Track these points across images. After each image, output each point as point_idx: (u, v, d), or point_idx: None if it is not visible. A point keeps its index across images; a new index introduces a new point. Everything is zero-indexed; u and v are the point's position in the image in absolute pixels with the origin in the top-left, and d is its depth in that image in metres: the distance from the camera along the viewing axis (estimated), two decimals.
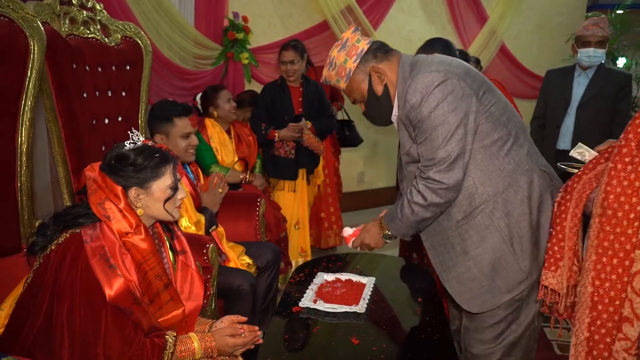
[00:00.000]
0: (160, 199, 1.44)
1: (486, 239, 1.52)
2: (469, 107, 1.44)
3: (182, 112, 2.23)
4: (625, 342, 1.15)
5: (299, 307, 1.98)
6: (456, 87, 1.44)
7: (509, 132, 1.50)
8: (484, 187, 1.50)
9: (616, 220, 1.16)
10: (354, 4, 4.42)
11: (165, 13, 3.23)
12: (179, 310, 1.47)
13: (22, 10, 1.72)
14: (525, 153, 1.52)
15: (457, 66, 1.50)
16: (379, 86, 1.60)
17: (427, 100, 1.44)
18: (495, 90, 1.55)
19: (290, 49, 3.27)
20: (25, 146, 1.77)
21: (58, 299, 1.28)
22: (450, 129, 1.43)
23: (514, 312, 1.56)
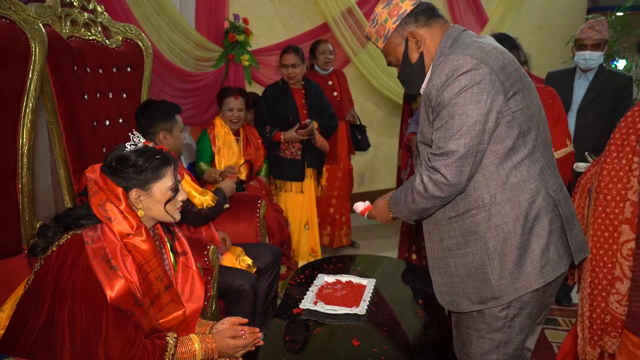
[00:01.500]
0: (161, 200, 1.44)
1: (469, 244, 1.45)
2: (494, 104, 1.33)
3: (178, 109, 2.36)
4: (617, 295, 1.51)
5: (299, 309, 1.98)
6: (485, 79, 1.32)
7: (525, 143, 1.40)
8: (481, 192, 1.42)
9: (606, 202, 1.51)
10: (355, 6, 4.42)
11: (166, 15, 3.23)
12: (179, 311, 1.47)
13: (24, 12, 1.73)
14: (537, 171, 1.41)
15: (497, 57, 1.37)
16: (414, 53, 1.50)
17: (451, 85, 1.33)
18: (531, 95, 1.44)
19: (292, 52, 3.31)
20: (26, 147, 1.77)
21: (59, 300, 1.28)
22: (468, 122, 1.32)
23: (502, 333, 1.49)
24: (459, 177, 1.36)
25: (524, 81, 1.42)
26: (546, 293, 1.50)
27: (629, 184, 1.48)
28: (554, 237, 1.42)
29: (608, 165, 1.51)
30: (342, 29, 4.41)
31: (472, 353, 1.54)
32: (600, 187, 1.53)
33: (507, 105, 1.36)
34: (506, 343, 1.50)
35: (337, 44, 4.49)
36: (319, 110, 3.42)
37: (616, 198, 1.49)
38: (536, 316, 1.52)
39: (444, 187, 1.38)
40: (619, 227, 1.50)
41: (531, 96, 1.43)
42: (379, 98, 4.98)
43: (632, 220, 1.48)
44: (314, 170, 3.47)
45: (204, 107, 3.70)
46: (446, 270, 1.53)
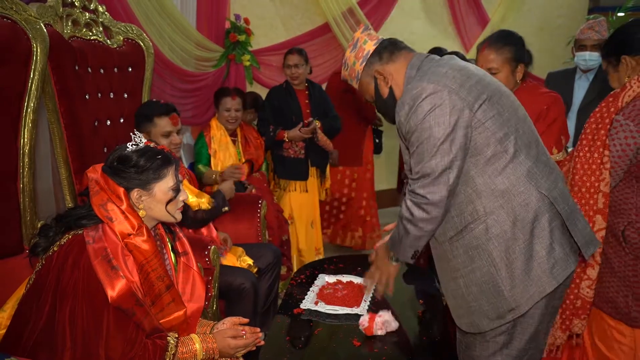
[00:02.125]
0: (162, 200, 1.44)
1: (474, 259, 1.44)
2: (459, 121, 1.37)
3: (163, 111, 2.20)
4: (588, 281, 1.67)
5: (300, 309, 1.98)
6: (445, 101, 1.37)
7: (506, 149, 1.40)
8: (474, 205, 1.42)
9: (581, 194, 1.63)
10: (356, 6, 4.42)
11: (167, 15, 3.23)
12: (180, 311, 1.47)
13: (25, 12, 1.73)
14: (525, 173, 1.41)
15: (454, 77, 1.42)
16: (384, 88, 1.57)
17: (415, 112, 1.39)
18: (501, 101, 1.44)
19: (295, 52, 3.34)
20: (27, 147, 1.77)
21: (60, 300, 1.28)
22: (435, 144, 1.37)
23: (506, 335, 1.48)
24: (439, 195, 1.39)
25: (490, 89, 1.43)
26: (555, 296, 1.47)
27: (601, 176, 1.59)
28: (556, 236, 1.41)
29: (581, 159, 1.62)
30: (343, 29, 4.40)
31: (476, 355, 1.53)
32: (575, 180, 1.64)
33: (475, 118, 1.39)
34: (509, 344, 1.48)
35: (338, 44, 4.49)
36: (322, 111, 3.43)
37: (590, 190, 1.60)
38: (542, 320, 1.48)
39: (427, 207, 1.40)
40: (593, 218, 1.62)
41: (501, 102, 1.44)
42: None
43: (603, 210, 1.60)
44: (318, 170, 3.47)
45: (205, 107, 3.70)
46: (458, 291, 1.51)
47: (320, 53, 4.47)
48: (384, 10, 4.72)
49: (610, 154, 1.58)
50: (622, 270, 1.65)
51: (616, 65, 1.76)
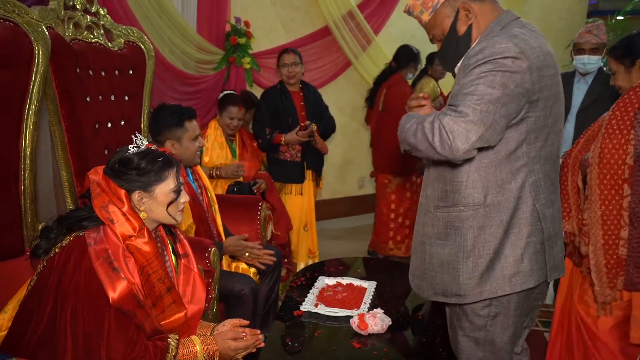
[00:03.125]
0: (163, 202, 1.45)
1: (449, 237, 1.46)
2: (516, 97, 1.32)
3: (192, 115, 2.21)
4: (622, 241, 1.84)
5: (300, 311, 1.99)
6: (520, 72, 1.31)
7: (528, 152, 1.40)
8: (473, 190, 1.42)
9: (609, 165, 1.84)
10: (356, 10, 4.44)
11: (168, 18, 3.25)
12: (181, 313, 1.48)
13: (27, 15, 1.74)
14: (531, 182, 1.41)
15: (538, 56, 1.35)
16: (463, 26, 1.47)
17: (488, 63, 1.31)
18: (553, 107, 1.42)
19: (290, 52, 3.34)
20: (29, 149, 1.78)
21: (61, 302, 1.28)
22: (489, 98, 1.30)
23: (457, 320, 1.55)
24: (461, 142, 1.31)
25: (553, 90, 1.41)
26: (530, 297, 1.51)
27: (627, 150, 1.81)
28: (529, 250, 1.43)
29: (610, 134, 1.85)
30: (343, 32, 4.42)
31: (460, 351, 1.57)
32: (604, 153, 1.85)
33: (523, 108, 1.36)
34: (491, 342, 1.51)
35: (338, 47, 4.50)
36: (317, 113, 3.43)
37: (618, 161, 1.82)
38: (520, 319, 1.52)
39: (445, 144, 1.33)
40: (622, 186, 1.82)
41: (552, 108, 1.42)
42: None
43: (628, 179, 1.81)
44: (313, 172, 3.48)
45: (206, 109, 3.71)
46: (422, 255, 1.55)
47: (320, 56, 4.50)
48: (384, 13, 4.73)
49: (636, 132, 1.81)
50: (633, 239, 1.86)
51: (630, 67, 1.91)
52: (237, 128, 3.16)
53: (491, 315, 1.48)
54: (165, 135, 2.17)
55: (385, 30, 4.80)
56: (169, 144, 2.17)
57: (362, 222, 5.02)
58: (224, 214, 2.65)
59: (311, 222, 3.54)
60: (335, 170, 4.94)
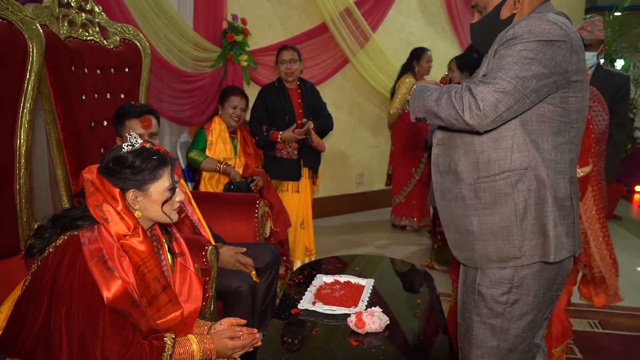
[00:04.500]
0: (158, 201, 1.44)
1: (499, 204, 1.47)
2: (555, 77, 1.35)
3: (137, 114, 2.14)
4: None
5: (297, 309, 1.98)
6: (561, 52, 1.34)
7: (569, 130, 1.44)
8: (520, 154, 1.43)
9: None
10: (353, 6, 4.42)
11: (164, 15, 3.23)
12: (177, 312, 1.47)
13: (21, 12, 1.72)
14: (570, 160, 1.47)
15: (577, 40, 1.40)
16: (507, 12, 1.50)
17: (532, 40, 1.33)
18: (586, 90, 1.46)
19: (289, 48, 3.33)
20: (24, 148, 1.77)
21: (56, 302, 1.27)
22: (527, 73, 1.32)
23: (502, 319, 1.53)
24: (490, 110, 1.33)
25: (585, 76, 1.45)
26: (552, 287, 1.53)
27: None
28: (566, 223, 1.47)
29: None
30: (341, 29, 4.41)
31: (474, 338, 1.57)
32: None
33: (565, 88, 1.39)
34: (507, 330, 1.52)
35: (336, 44, 4.49)
36: (315, 110, 3.42)
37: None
38: (539, 308, 1.53)
39: (473, 113, 1.35)
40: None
41: (586, 91, 1.47)
42: (377, 98, 4.98)
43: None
44: (310, 170, 3.47)
45: (203, 107, 3.70)
46: (468, 228, 1.54)
47: (318, 53, 4.49)
48: (381, 10, 4.73)
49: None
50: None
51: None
52: (241, 119, 3.16)
53: (510, 302, 1.50)
54: (116, 131, 2.16)
55: (382, 27, 4.79)
56: (118, 140, 2.16)
57: (360, 220, 5.03)
58: (221, 212, 2.64)
59: (308, 220, 3.53)
60: (333, 167, 4.93)
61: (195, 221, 2.28)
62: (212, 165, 3.03)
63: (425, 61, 4.25)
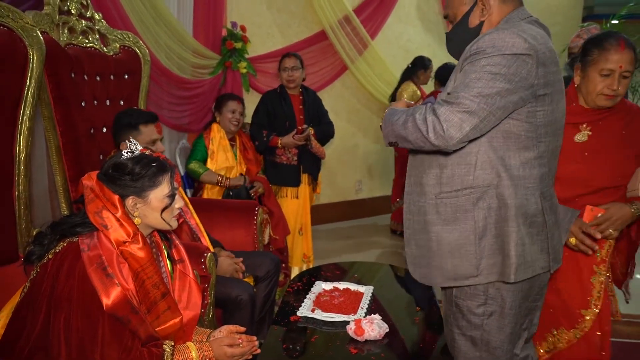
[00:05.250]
0: (157, 208, 1.44)
1: (459, 221, 1.45)
2: (521, 91, 1.32)
3: (148, 119, 2.17)
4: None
5: (297, 316, 1.97)
6: (526, 67, 1.31)
7: (538, 145, 1.42)
8: (483, 171, 1.41)
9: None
10: (352, 14, 4.45)
11: (164, 22, 3.24)
12: (176, 319, 1.46)
13: (22, 19, 1.73)
14: (539, 175, 1.44)
15: (544, 52, 1.36)
16: (476, 19, 1.48)
17: (495, 55, 1.31)
18: (559, 103, 1.44)
19: (292, 56, 3.35)
20: (23, 155, 1.77)
21: (55, 308, 1.27)
22: (490, 91, 1.30)
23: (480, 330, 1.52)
24: (455, 132, 1.31)
25: (556, 87, 1.42)
26: (528, 298, 1.51)
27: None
28: (535, 240, 1.44)
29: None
30: (340, 36, 4.43)
31: (457, 350, 1.56)
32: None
33: (532, 103, 1.37)
34: (487, 342, 1.51)
35: (334, 52, 4.51)
36: (316, 117, 3.44)
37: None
38: (516, 320, 1.52)
39: (438, 134, 1.33)
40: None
41: (558, 103, 1.44)
42: (376, 105, 5.00)
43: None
44: (310, 176, 3.47)
45: (202, 114, 3.71)
46: (426, 244, 1.52)
47: (317, 60, 4.50)
48: (380, 17, 4.75)
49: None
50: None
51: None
52: (240, 123, 3.16)
53: (487, 314, 1.49)
54: (122, 137, 2.15)
55: (381, 34, 4.82)
56: (123, 146, 2.14)
57: (359, 226, 5.02)
58: (220, 219, 2.64)
59: (306, 226, 3.53)
60: (332, 174, 4.94)
61: (194, 226, 2.27)
62: (213, 179, 3.02)
63: (430, 71, 4.35)
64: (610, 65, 1.69)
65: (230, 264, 2.29)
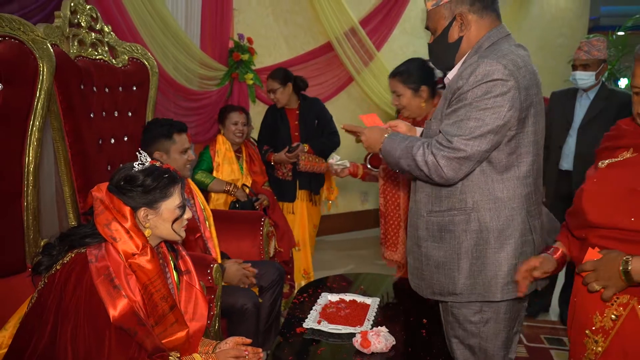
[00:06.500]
0: (168, 219, 1.45)
1: (444, 240, 1.52)
2: (510, 119, 1.37)
3: (181, 128, 2.27)
4: None
5: (302, 328, 1.96)
6: (510, 92, 1.36)
7: (519, 165, 1.45)
8: (466, 196, 1.48)
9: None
10: (358, 26, 4.48)
11: (172, 34, 3.28)
12: (183, 332, 1.46)
13: (33, 32, 1.75)
14: (524, 194, 1.47)
15: (525, 75, 1.40)
16: (455, 34, 1.51)
17: (478, 87, 1.36)
18: (539, 123, 1.48)
19: (269, 78, 3.32)
20: (32, 166, 1.78)
21: (62, 320, 1.27)
22: (483, 129, 1.36)
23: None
24: (454, 174, 1.42)
25: (537, 108, 1.46)
26: (521, 302, 1.58)
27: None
28: (522, 260, 1.48)
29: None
30: (345, 48, 4.46)
31: (458, 357, 1.63)
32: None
33: (515, 127, 1.40)
34: (485, 349, 1.57)
35: (340, 63, 4.53)
36: (317, 128, 3.38)
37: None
38: (510, 324, 1.57)
39: (440, 176, 1.44)
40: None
41: (539, 123, 1.47)
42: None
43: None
44: (308, 192, 3.46)
45: (208, 124, 3.73)
46: (418, 257, 1.62)
47: (323, 72, 4.53)
48: (385, 29, 4.78)
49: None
50: None
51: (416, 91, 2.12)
52: (244, 135, 3.15)
53: (483, 322, 1.54)
54: (155, 146, 2.22)
55: (387, 46, 4.84)
56: (157, 154, 2.21)
57: (365, 237, 5.01)
58: (226, 230, 2.64)
59: (305, 242, 3.49)
60: (338, 185, 4.93)
61: (207, 238, 2.29)
62: (221, 187, 3.02)
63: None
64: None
65: (239, 269, 2.29)
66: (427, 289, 1.61)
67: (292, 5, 4.40)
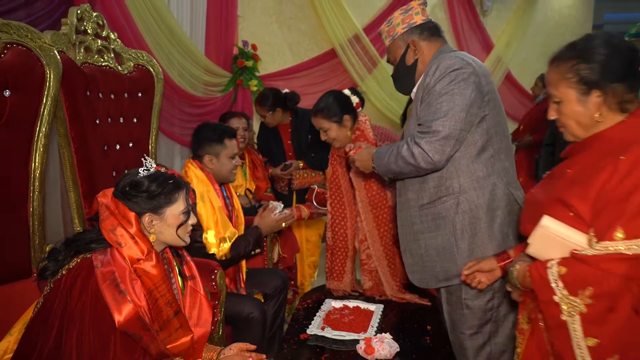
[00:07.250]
0: (173, 224, 1.45)
1: (440, 227, 1.68)
2: (475, 99, 1.57)
3: (233, 133, 2.33)
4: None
5: (306, 335, 1.96)
6: (471, 77, 1.57)
7: (492, 144, 1.64)
8: (452, 181, 1.65)
9: None
10: (362, 33, 4.49)
11: (177, 41, 3.30)
12: (187, 337, 1.47)
13: (40, 39, 1.77)
14: (501, 169, 1.66)
15: (480, 66, 1.66)
16: (411, 58, 1.78)
17: (443, 79, 1.58)
18: (499, 105, 1.68)
19: (257, 104, 3.27)
20: (38, 171, 1.79)
21: (68, 325, 1.28)
22: (454, 109, 1.55)
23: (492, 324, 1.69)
24: (440, 156, 1.57)
25: (495, 93, 1.68)
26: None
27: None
28: (513, 227, 1.63)
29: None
30: (349, 54, 4.47)
31: (468, 349, 1.71)
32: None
33: (481, 108, 1.60)
34: (495, 333, 1.68)
35: (344, 70, 4.55)
36: (312, 142, 3.30)
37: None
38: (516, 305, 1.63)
39: (427, 162, 1.59)
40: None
41: (498, 104, 1.68)
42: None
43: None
44: None
45: None
46: (417, 251, 1.76)
47: (326, 78, 4.54)
48: None
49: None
50: None
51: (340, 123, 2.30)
52: (246, 139, 3.15)
53: (495, 306, 1.66)
54: (205, 150, 2.27)
55: None
56: (207, 158, 2.27)
57: None
58: None
59: (299, 256, 3.45)
60: None
61: None
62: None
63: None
64: None
65: (273, 219, 2.39)
66: (432, 278, 1.74)
67: (296, 12, 4.43)
